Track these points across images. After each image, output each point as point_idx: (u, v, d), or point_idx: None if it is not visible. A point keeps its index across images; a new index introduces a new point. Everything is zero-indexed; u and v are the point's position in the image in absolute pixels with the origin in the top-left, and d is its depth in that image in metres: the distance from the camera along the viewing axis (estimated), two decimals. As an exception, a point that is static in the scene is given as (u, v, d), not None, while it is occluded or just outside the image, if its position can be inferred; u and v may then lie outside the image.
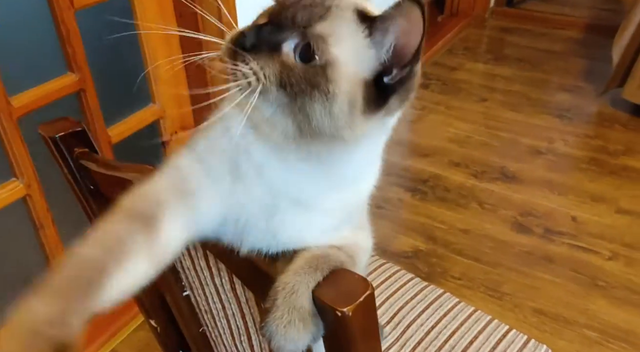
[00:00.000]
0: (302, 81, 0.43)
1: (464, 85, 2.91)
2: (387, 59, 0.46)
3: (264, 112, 0.45)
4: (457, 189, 2.19)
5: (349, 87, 0.44)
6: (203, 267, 0.62)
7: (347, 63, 0.44)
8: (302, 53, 0.43)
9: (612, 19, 3.51)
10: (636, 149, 2.37)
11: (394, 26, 0.44)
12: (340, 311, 0.41)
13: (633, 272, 1.80)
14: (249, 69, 0.44)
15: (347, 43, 0.44)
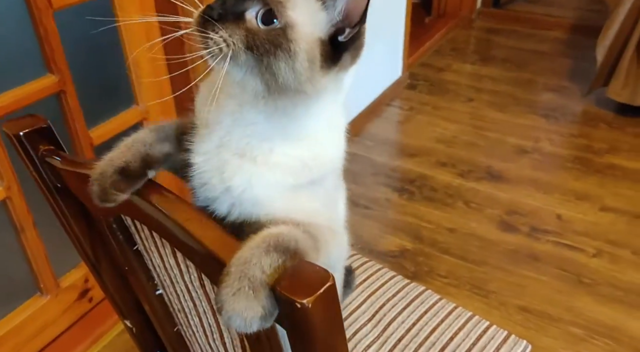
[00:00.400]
0: (266, 43, 0.49)
1: (451, 86, 2.92)
2: (340, 20, 0.52)
3: (235, 75, 0.51)
4: (444, 188, 2.19)
5: (307, 46, 0.50)
6: (172, 265, 0.61)
7: (303, 24, 0.50)
8: (263, 18, 0.49)
9: (597, 19, 3.53)
10: (620, 147, 2.39)
11: None
12: (300, 302, 0.40)
13: (617, 269, 1.81)
14: (219, 36, 0.49)
15: (303, 7, 0.50)
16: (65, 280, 1.57)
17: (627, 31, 2.42)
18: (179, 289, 0.64)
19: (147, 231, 0.60)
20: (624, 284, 1.76)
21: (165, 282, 0.67)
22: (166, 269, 0.64)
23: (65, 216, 0.67)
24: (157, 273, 0.68)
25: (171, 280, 0.65)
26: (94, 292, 1.64)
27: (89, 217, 0.69)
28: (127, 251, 0.66)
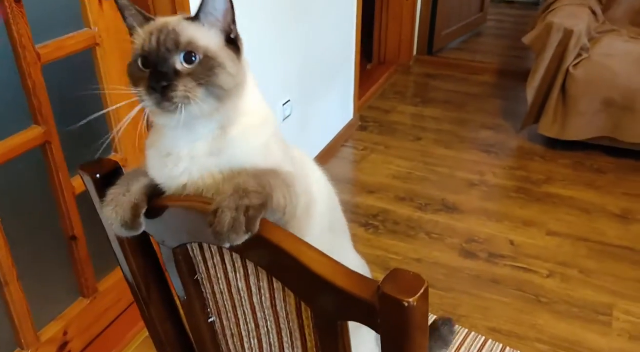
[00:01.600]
0: (205, 71, 0.65)
1: (399, 127, 3.12)
2: (224, 26, 0.68)
3: (197, 109, 0.65)
4: (406, 221, 2.33)
5: (223, 53, 0.67)
6: (241, 288, 0.66)
7: (210, 44, 0.67)
8: (186, 59, 0.65)
9: (519, 64, 3.93)
10: (555, 177, 2.64)
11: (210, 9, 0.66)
12: (407, 301, 0.48)
13: (570, 287, 1.99)
14: (181, 91, 0.63)
15: (202, 35, 0.66)
16: (45, 334, 1.52)
17: (552, 74, 2.73)
18: (242, 312, 0.69)
19: (219, 256, 0.66)
20: (577, 301, 1.93)
21: (225, 307, 0.71)
22: (231, 294, 0.69)
23: (126, 252, 0.71)
24: (216, 300, 0.72)
25: (234, 305, 0.70)
26: (72, 345, 1.59)
27: (146, 252, 0.73)
28: (187, 281, 0.71)
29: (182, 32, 0.65)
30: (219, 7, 0.67)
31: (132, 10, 0.69)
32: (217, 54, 0.66)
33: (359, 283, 0.53)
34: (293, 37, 2.26)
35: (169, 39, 0.65)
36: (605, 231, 2.27)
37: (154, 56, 0.64)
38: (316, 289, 0.56)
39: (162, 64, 0.64)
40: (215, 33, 0.67)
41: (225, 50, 0.67)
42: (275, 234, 0.56)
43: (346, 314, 0.56)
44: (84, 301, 1.63)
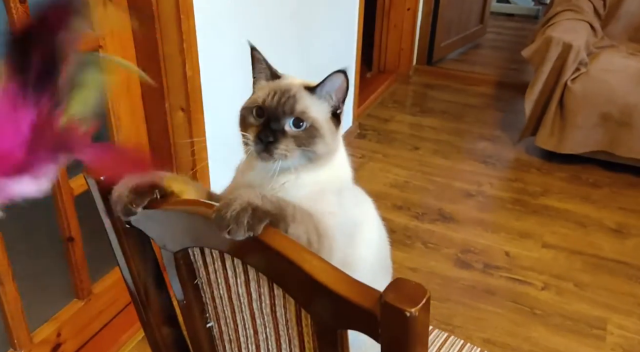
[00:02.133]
0: (307, 137, 0.75)
1: (397, 135, 3.13)
2: (334, 103, 0.78)
3: (289, 164, 0.75)
4: (402, 230, 2.33)
5: (327, 126, 0.77)
6: (241, 294, 0.66)
7: (319, 116, 0.76)
8: (294, 124, 0.75)
9: (517, 76, 3.96)
10: (552, 190, 2.65)
11: (328, 86, 0.77)
12: (409, 311, 0.48)
13: (564, 300, 1.99)
14: (282, 150, 0.73)
15: (315, 106, 0.76)
16: (38, 334, 1.52)
17: (550, 88, 2.75)
18: (241, 318, 0.69)
19: (220, 262, 0.66)
20: (571, 314, 1.93)
21: (224, 312, 0.71)
22: (231, 300, 0.69)
23: (127, 255, 0.71)
24: (215, 305, 0.72)
25: (233, 310, 0.70)
26: (66, 347, 1.59)
27: (146, 256, 0.73)
28: (187, 285, 0.71)
29: (300, 100, 0.75)
30: (336, 87, 0.77)
31: (264, 65, 0.80)
32: (321, 126, 0.76)
33: (360, 291, 0.53)
34: (294, 44, 2.27)
35: (288, 103, 0.75)
36: (601, 244, 2.28)
37: (270, 112, 0.74)
38: (317, 296, 0.56)
39: (274, 122, 0.74)
40: (326, 106, 0.77)
41: (329, 123, 0.77)
42: (277, 239, 0.57)
43: (346, 322, 0.56)
44: (78, 303, 1.63)
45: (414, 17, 3.65)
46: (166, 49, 1.61)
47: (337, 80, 0.76)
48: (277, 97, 0.75)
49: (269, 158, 0.73)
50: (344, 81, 0.76)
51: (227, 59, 1.82)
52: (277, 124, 0.74)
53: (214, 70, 1.76)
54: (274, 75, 0.80)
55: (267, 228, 0.58)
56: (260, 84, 0.79)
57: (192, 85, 1.67)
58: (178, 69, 1.64)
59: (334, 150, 0.79)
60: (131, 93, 1.65)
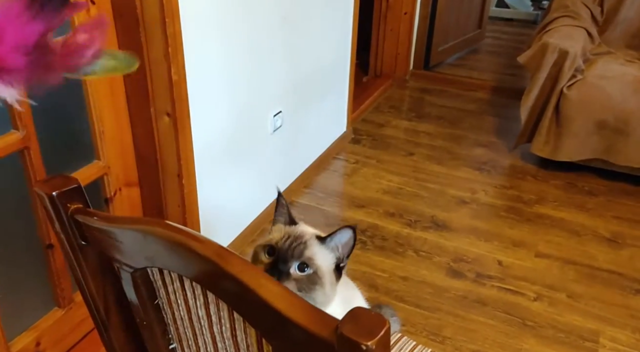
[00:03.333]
0: (308, 283, 0.79)
1: (392, 141, 3.10)
2: (339, 255, 0.84)
3: None
4: (394, 237, 2.30)
5: (329, 276, 0.82)
6: (201, 316, 0.63)
7: (324, 265, 0.81)
8: (299, 268, 0.80)
9: (514, 82, 3.92)
10: (547, 198, 2.62)
11: (337, 239, 0.82)
12: (365, 344, 0.45)
13: (556, 312, 1.96)
14: None
15: (322, 255, 0.82)
16: (16, 344, 1.49)
17: (546, 94, 2.71)
18: (202, 341, 0.66)
19: (179, 282, 0.63)
20: (563, 325, 1.90)
21: (186, 334, 0.68)
22: (191, 321, 0.65)
23: (84, 272, 0.68)
24: (177, 326, 0.69)
25: (194, 332, 0.66)
26: (45, 356, 1.55)
27: (105, 274, 0.70)
28: (147, 305, 0.68)
29: (309, 247, 0.81)
30: (344, 242, 0.82)
31: (285, 210, 0.87)
32: (324, 275, 0.81)
33: (317, 320, 0.50)
34: (287, 47, 2.24)
35: (298, 248, 0.81)
36: (595, 254, 2.24)
37: (280, 254, 0.80)
38: (274, 324, 0.53)
39: (282, 264, 0.79)
40: (331, 258, 0.83)
41: (331, 274, 0.82)
42: (235, 265, 0.53)
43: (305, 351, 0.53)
44: (58, 311, 1.59)
45: (411, 21, 3.62)
46: (151, 54, 1.58)
47: (345, 235, 0.82)
48: (289, 241, 0.82)
49: None
50: (352, 237, 0.82)
51: (213, 63, 1.79)
52: (285, 265, 0.79)
53: (200, 75, 1.73)
54: (292, 221, 0.87)
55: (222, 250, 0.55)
56: (277, 226, 0.86)
57: (178, 90, 1.64)
58: (164, 74, 1.61)
59: (331, 300, 0.83)
60: (115, 98, 1.62)
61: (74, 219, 0.64)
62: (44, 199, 0.62)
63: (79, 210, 0.64)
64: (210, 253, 0.54)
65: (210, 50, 1.77)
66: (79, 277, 0.69)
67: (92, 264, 0.68)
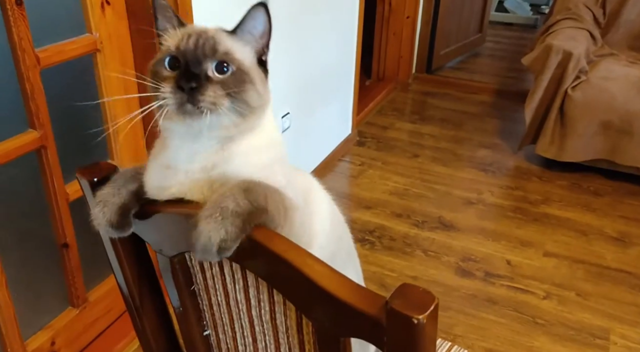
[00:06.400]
0: (236, 83, 0.64)
1: (396, 143, 3.11)
2: (258, 47, 0.69)
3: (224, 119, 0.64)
4: (402, 238, 2.30)
5: (255, 71, 0.68)
6: (240, 300, 0.64)
7: (245, 59, 0.67)
8: (218, 69, 0.64)
9: (517, 85, 3.95)
10: (552, 198, 2.63)
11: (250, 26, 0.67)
12: (417, 318, 0.46)
13: (566, 310, 1.97)
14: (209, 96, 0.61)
15: (238, 49, 0.67)
16: (32, 343, 1.49)
17: (550, 96, 2.73)
18: (239, 326, 0.67)
19: (218, 267, 0.64)
20: (573, 323, 1.91)
21: (222, 320, 0.69)
22: (229, 306, 0.66)
23: (121, 259, 0.69)
24: (212, 312, 0.70)
25: (231, 317, 0.67)
26: (60, 355, 1.55)
27: (141, 261, 0.71)
28: (183, 291, 0.68)
29: (221, 41, 0.65)
30: (258, 27, 0.68)
31: (169, 12, 0.68)
32: (250, 70, 0.66)
33: (365, 297, 0.51)
34: (294, 51, 2.25)
35: (207, 44, 0.64)
36: (603, 253, 2.26)
37: (188, 56, 0.63)
38: (319, 303, 0.53)
39: (195, 66, 0.62)
40: (249, 51, 0.68)
41: (257, 69, 0.68)
42: (277, 243, 0.54)
43: (350, 329, 0.54)
44: (73, 311, 1.59)
45: (414, 25, 3.65)
46: (165, 54, 1.59)
47: (257, 17, 0.66)
48: (193, 39, 0.64)
49: (194, 109, 0.61)
50: (266, 18, 0.67)
51: (226, 64, 1.80)
52: (199, 68, 0.62)
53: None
54: (182, 23, 0.69)
55: (266, 230, 0.56)
56: (168, 33, 0.67)
57: (191, 91, 1.65)
58: (176, 74, 1.62)
59: (266, 103, 0.69)
60: (129, 99, 1.63)
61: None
62: (85, 185, 0.63)
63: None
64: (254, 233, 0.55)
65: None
66: (116, 265, 0.70)
67: (129, 251, 0.69)
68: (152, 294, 0.74)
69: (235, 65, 0.64)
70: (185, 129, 0.65)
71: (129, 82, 1.62)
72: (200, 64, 0.62)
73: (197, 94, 0.60)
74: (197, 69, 0.62)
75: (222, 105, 0.62)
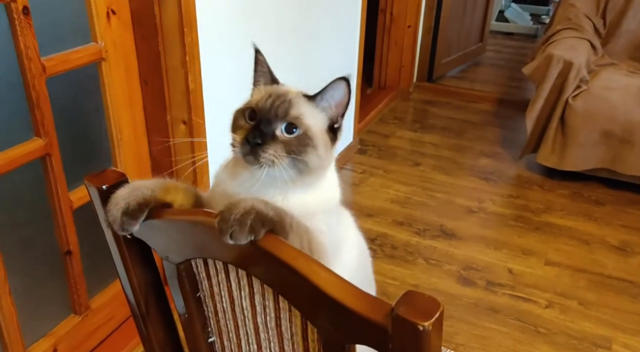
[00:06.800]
0: (298, 145, 0.70)
1: (398, 151, 3.12)
2: (333, 115, 0.74)
3: (276, 174, 0.69)
4: (404, 246, 2.31)
5: (322, 137, 0.72)
6: (245, 307, 0.64)
7: (314, 125, 0.72)
8: (287, 130, 0.70)
9: (517, 94, 3.97)
10: (554, 207, 2.63)
11: (328, 96, 0.73)
12: (422, 325, 0.46)
13: (568, 319, 1.96)
14: (270, 154, 0.68)
15: (310, 114, 0.72)
16: (34, 350, 1.49)
17: (551, 105, 2.75)
18: (244, 333, 0.67)
19: (224, 274, 0.64)
20: (576, 332, 1.90)
21: (227, 327, 0.69)
22: (234, 313, 0.67)
23: (128, 266, 0.69)
24: (217, 319, 0.70)
25: (236, 324, 0.67)
26: (62, 363, 1.55)
27: (147, 268, 0.71)
28: (189, 298, 0.69)
29: (295, 105, 0.72)
30: (336, 98, 0.73)
31: (265, 68, 0.77)
32: (315, 136, 0.71)
33: (370, 304, 0.51)
34: (295, 59, 2.27)
35: (282, 106, 0.71)
36: (604, 262, 2.26)
37: (263, 114, 0.70)
38: (324, 309, 0.54)
39: (265, 125, 0.69)
40: (323, 117, 0.73)
41: (324, 135, 0.73)
42: (284, 249, 0.55)
43: (355, 337, 0.54)
44: (75, 318, 1.60)
45: (415, 34, 3.67)
46: (169, 62, 1.61)
47: (338, 88, 0.72)
48: (271, 100, 0.71)
49: (255, 162, 0.69)
50: (346, 90, 0.73)
51: (229, 72, 1.82)
52: (268, 127, 0.69)
53: (216, 84, 1.76)
54: (274, 80, 0.77)
55: (274, 237, 0.57)
56: (258, 88, 0.76)
57: (195, 98, 1.66)
58: (180, 82, 1.63)
59: (326, 166, 0.75)
60: (133, 105, 1.64)
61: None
62: (94, 192, 0.64)
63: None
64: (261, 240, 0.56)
65: (226, 59, 1.80)
66: (122, 271, 0.70)
67: (136, 257, 0.70)
68: (158, 301, 0.74)
69: (303, 129, 0.70)
70: (250, 174, 0.72)
71: (134, 92, 1.64)
72: (270, 124, 0.70)
73: (259, 150, 0.68)
74: (267, 128, 0.69)
75: (280, 163, 0.68)
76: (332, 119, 0.74)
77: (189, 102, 1.65)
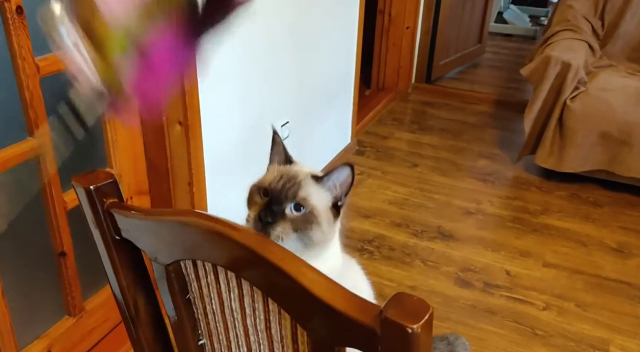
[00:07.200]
0: (304, 222, 0.78)
1: (396, 153, 3.11)
2: (337, 194, 0.82)
3: (288, 246, 0.76)
4: (401, 247, 2.30)
5: (326, 215, 0.80)
6: (235, 309, 0.64)
7: (320, 204, 0.79)
8: (295, 208, 0.78)
9: (516, 95, 3.97)
10: (552, 209, 2.63)
11: (334, 178, 0.80)
12: (411, 327, 0.46)
13: (566, 321, 1.96)
14: (278, 232, 0.76)
15: (317, 195, 0.79)
16: (27, 352, 1.48)
17: (549, 106, 2.74)
18: (234, 335, 0.66)
19: (213, 275, 0.63)
20: (573, 334, 1.90)
21: (217, 329, 0.68)
22: (224, 315, 0.66)
23: (116, 267, 0.68)
24: (207, 321, 0.69)
25: (226, 326, 0.67)
26: (55, 365, 1.54)
27: (136, 269, 0.70)
28: (178, 300, 0.68)
29: (304, 188, 0.79)
30: (341, 180, 0.81)
31: (281, 149, 0.85)
32: (320, 214, 0.79)
33: (359, 307, 0.51)
34: (295, 60, 2.26)
35: (292, 188, 0.79)
36: (602, 264, 2.25)
37: (274, 194, 0.79)
38: (313, 312, 0.53)
39: (276, 205, 0.77)
40: (328, 196, 0.81)
41: (328, 213, 0.80)
42: (273, 251, 0.54)
43: (344, 339, 0.53)
44: (69, 320, 1.59)
45: (413, 36, 3.67)
46: (164, 63, 1.60)
47: (343, 173, 0.80)
48: (282, 182, 0.79)
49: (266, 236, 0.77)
50: (350, 175, 0.80)
51: (225, 72, 1.81)
52: (279, 207, 0.77)
53: (212, 84, 1.75)
54: (288, 160, 0.85)
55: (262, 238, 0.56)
56: (272, 166, 0.85)
57: (190, 99, 1.65)
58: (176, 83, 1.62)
59: (329, 239, 0.82)
60: (128, 106, 1.63)
61: (109, 213, 0.64)
62: (81, 193, 0.63)
63: (114, 204, 0.65)
64: (250, 242, 0.55)
65: (221, 59, 1.79)
66: (111, 273, 0.69)
67: (124, 259, 0.69)
68: (147, 303, 0.73)
69: (309, 209, 0.78)
70: None
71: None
72: (280, 204, 0.77)
73: (269, 227, 0.76)
74: (277, 208, 0.77)
75: (288, 239, 0.76)
76: (336, 197, 0.82)
77: (185, 102, 1.64)
